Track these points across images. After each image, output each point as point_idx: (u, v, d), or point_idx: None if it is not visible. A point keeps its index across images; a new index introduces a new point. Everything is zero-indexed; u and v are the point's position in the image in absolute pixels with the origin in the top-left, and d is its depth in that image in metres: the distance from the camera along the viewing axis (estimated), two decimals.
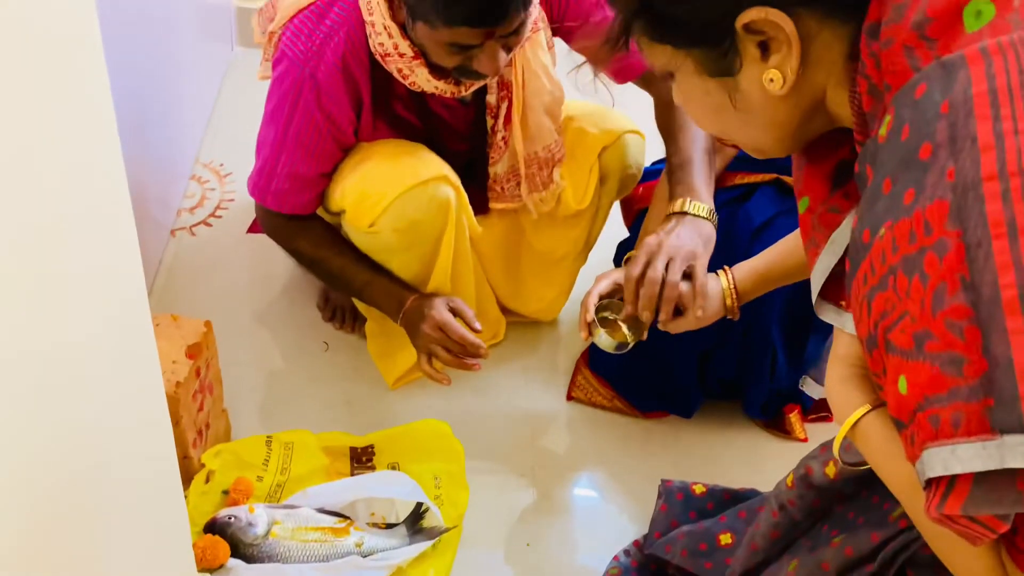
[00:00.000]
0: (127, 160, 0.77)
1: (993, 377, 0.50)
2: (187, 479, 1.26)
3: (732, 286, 1.16)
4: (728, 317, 1.18)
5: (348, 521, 1.30)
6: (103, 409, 0.79)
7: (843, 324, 0.76)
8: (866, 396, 0.73)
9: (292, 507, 1.31)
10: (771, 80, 0.66)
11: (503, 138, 1.41)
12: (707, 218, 1.25)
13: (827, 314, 0.78)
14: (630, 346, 1.23)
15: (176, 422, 1.20)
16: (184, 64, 1.93)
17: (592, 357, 1.58)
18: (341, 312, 1.65)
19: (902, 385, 0.55)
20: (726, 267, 1.18)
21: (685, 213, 1.24)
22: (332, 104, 1.30)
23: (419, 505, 1.32)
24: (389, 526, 1.32)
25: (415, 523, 1.32)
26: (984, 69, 0.53)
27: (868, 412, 0.72)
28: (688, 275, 1.19)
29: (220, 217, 1.84)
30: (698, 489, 1.23)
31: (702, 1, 0.65)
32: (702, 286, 1.16)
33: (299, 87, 1.29)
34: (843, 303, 0.77)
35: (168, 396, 1.08)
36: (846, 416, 0.73)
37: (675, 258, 1.18)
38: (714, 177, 1.33)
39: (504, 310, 1.65)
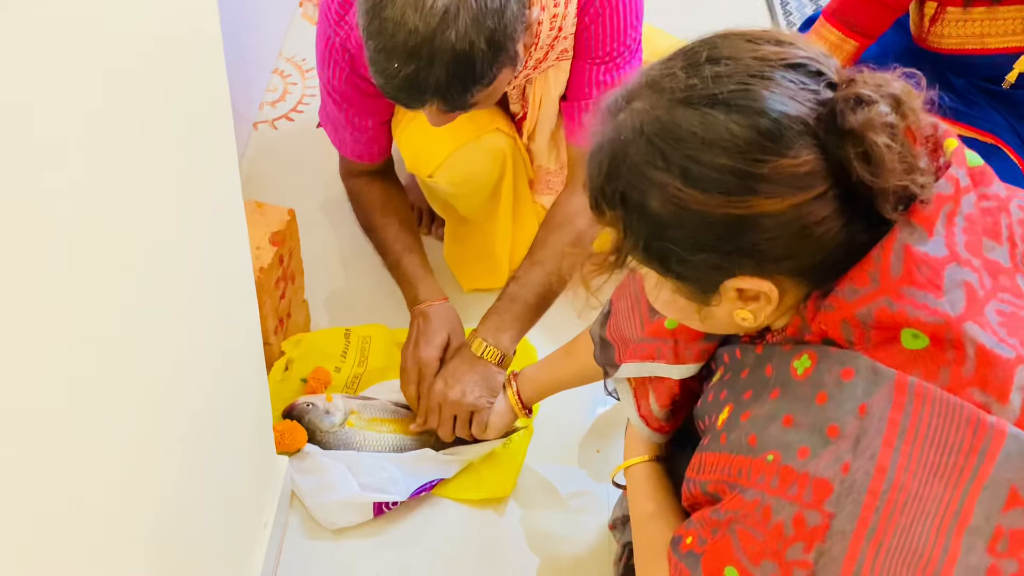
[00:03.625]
0: None
1: None
2: (267, 366, 1.29)
3: (518, 399, 1.24)
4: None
5: None
6: (196, 288, 0.80)
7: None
8: (648, 452, 0.98)
9: (369, 399, 1.33)
10: (743, 319, 0.74)
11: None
12: (498, 365, 1.27)
13: (623, 393, 0.98)
14: None
15: (259, 306, 1.21)
16: None
17: None
18: (419, 213, 1.64)
19: (731, 575, 0.71)
20: (512, 378, 1.25)
21: (480, 358, 1.26)
22: (367, 70, 1.25)
23: None
24: None
25: None
26: (905, 404, 0.65)
27: (645, 461, 0.98)
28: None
29: (302, 112, 1.83)
30: None
31: (703, 265, 0.71)
32: (480, 432, 1.26)
33: (333, 52, 1.27)
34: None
35: None
36: (630, 456, 0.99)
37: (459, 415, 1.25)
38: (538, 317, 1.31)
39: None
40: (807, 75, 0.68)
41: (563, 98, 1.31)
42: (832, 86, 0.68)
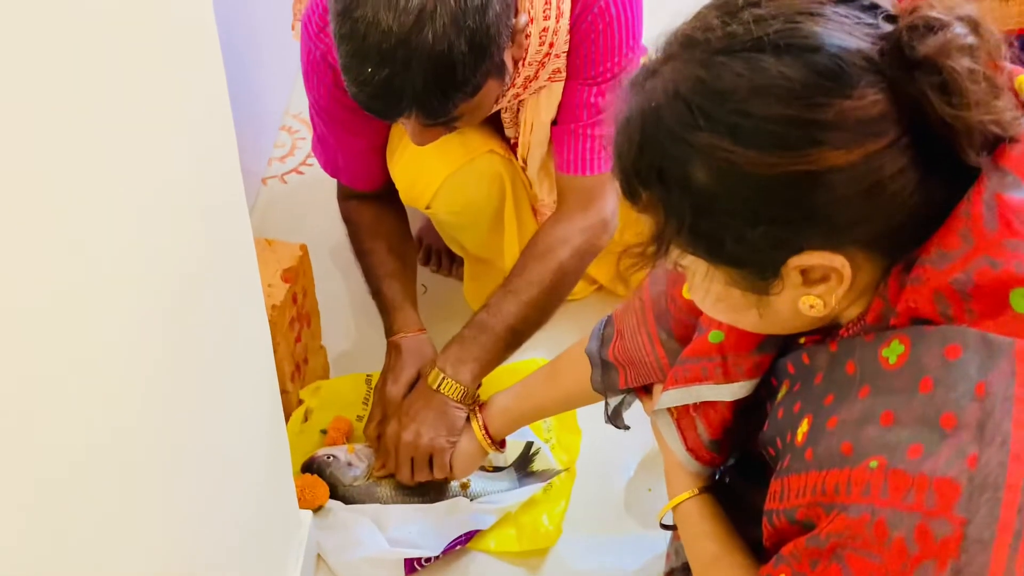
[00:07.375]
0: None
1: None
2: (285, 416, 1.19)
3: (485, 434, 1.13)
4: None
5: None
6: (208, 329, 0.73)
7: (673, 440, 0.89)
8: (695, 483, 0.89)
9: None
10: (811, 306, 0.65)
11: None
12: (459, 401, 1.14)
13: (665, 427, 0.89)
14: None
15: (274, 348, 1.13)
16: (270, 16, 1.89)
17: None
18: (436, 255, 1.57)
19: None
20: (477, 410, 1.13)
21: (437, 391, 1.14)
22: None
23: (529, 446, 1.23)
24: (496, 469, 1.23)
25: (525, 466, 1.23)
26: None
27: (694, 496, 0.88)
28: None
29: (311, 166, 1.78)
30: None
31: (762, 242, 0.61)
32: (442, 475, 1.14)
33: (315, 66, 1.20)
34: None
35: None
36: (676, 494, 0.90)
37: (416, 458, 1.13)
38: (509, 352, 1.19)
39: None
40: (860, 9, 0.60)
41: (555, 123, 1.24)
42: (891, 19, 0.60)
